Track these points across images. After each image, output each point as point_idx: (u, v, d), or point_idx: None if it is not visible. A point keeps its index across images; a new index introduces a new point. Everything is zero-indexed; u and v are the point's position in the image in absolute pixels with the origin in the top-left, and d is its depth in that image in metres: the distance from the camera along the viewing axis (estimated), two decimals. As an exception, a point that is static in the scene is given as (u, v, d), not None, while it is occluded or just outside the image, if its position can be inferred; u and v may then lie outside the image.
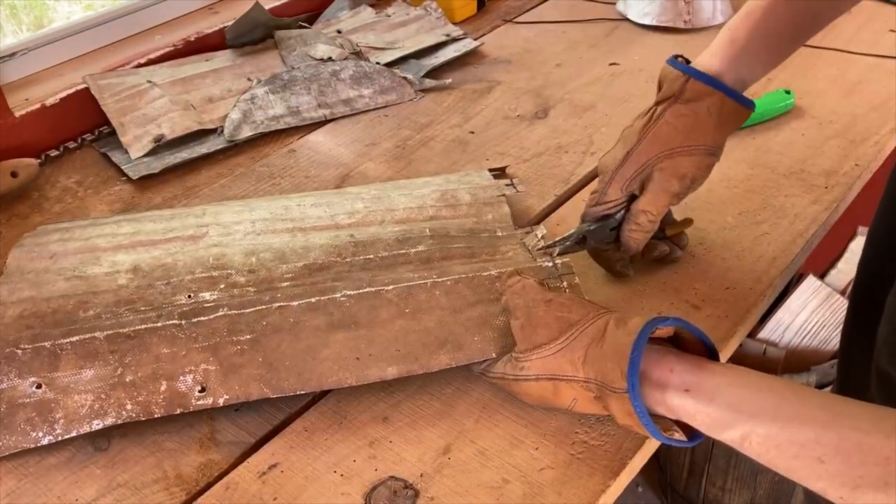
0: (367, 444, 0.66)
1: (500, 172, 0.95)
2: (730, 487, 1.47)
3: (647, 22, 1.32)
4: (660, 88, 0.76)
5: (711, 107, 0.72)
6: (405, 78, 1.18)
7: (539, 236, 0.81)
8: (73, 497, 0.64)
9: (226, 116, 1.10)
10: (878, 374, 0.77)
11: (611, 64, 1.23)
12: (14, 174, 0.99)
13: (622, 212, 0.76)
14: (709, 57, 0.74)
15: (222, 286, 0.76)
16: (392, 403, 0.70)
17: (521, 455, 0.65)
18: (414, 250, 0.79)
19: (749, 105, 0.73)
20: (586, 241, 0.77)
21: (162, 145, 1.06)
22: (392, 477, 0.63)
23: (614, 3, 1.39)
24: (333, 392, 0.71)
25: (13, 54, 1.14)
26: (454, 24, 1.34)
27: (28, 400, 0.67)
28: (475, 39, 1.30)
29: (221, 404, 0.67)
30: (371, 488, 0.63)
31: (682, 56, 0.75)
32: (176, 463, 0.66)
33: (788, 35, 0.74)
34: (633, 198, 0.75)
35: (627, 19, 1.35)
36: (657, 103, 0.74)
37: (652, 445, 0.66)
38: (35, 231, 0.88)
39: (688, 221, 0.82)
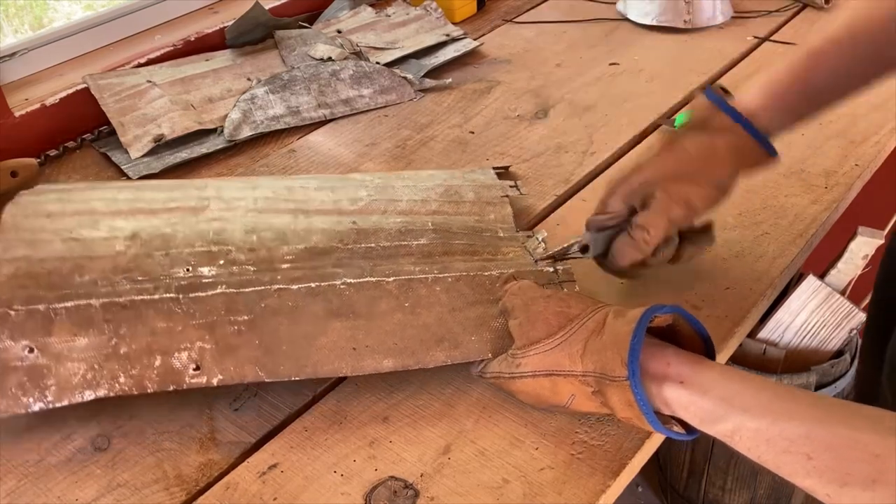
0: (367, 444, 0.66)
1: (503, 171, 0.95)
2: (730, 487, 1.46)
3: (647, 22, 1.32)
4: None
5: (731, 142, 0.71)
6: (405, 78, 1.18)
7: (540, 240, 0.81)
8: (73, 497, 0.64)
9: (226, 116, 1.10)
10: (889, 393, 0.77)
11: (611, 64, 1.23)
12: (14, 174, 0.99)
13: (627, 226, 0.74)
14: (745, 96, 0.73)
15: (222, 262, 0.73)
16: (392, 403, 0.70)
17: (521, 455, 0.65)
18: (416, 243, 0.79)
19: (771, 151, 0.72)
20: (589, 250, 0.76)
21: (162, 145, 1.06)
22: (392, 477, 0.63)
23: (614, 3, 1.39)
24: (333, 392, 0.71)
25: (13, 54, 1.14)
26: (454, 23, 1.34)
27: (20, 363, 0.65)
28: (475, 39, 1.30)
29: (215, 384, 0.66)
30: (371, 488, 0.63)
31: (722, 88, 0.74)
32: (176, 463, 0.66)
33: (827, 90, 0.72)
34: (633, 212, 0.74)
35: (627, 19, 1.35)
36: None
37: (652, 445, 0.66)
38: (33, 189, 0.83)
39: (707, 227, 0.79)
